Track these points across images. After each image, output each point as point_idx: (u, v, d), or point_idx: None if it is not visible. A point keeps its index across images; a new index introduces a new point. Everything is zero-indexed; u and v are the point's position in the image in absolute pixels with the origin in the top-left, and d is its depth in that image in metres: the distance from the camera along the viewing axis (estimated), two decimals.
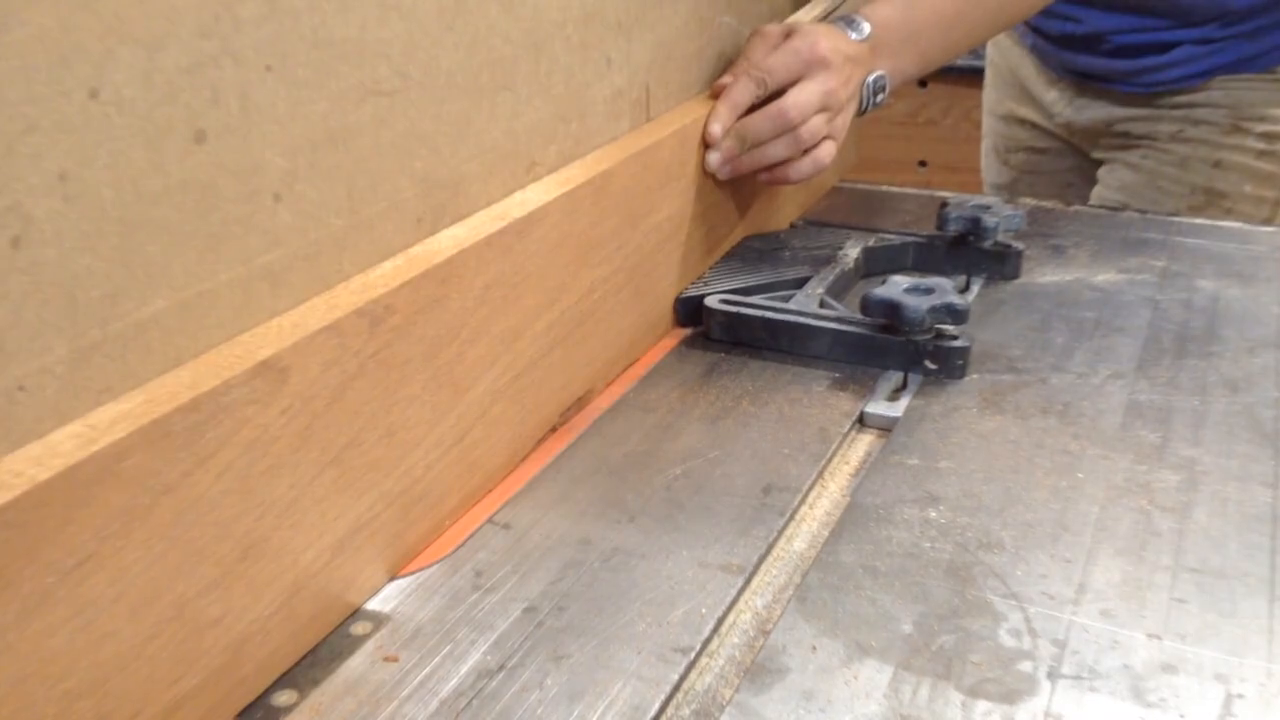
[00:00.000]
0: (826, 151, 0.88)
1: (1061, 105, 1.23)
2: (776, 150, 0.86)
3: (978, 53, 1.28)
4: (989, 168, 1.36)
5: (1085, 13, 1.14)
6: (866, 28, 0.90)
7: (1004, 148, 1.32)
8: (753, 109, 0.86)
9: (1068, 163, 1.26)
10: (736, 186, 0.91)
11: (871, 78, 0.91)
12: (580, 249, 0.71)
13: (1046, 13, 1.17)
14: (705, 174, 0.86)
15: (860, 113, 0.92)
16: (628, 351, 0.80)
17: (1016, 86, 1.28)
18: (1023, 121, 1.29)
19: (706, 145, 0.85)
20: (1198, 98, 1.12)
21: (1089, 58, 1.17)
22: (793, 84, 0.85)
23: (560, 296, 0.70)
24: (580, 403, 0.74)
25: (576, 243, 0.70)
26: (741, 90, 0.85)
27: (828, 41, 0.86)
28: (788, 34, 0.87)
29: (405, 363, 0.57)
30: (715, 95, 0.87)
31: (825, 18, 0.95)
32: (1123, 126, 1.18)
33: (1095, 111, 1.20)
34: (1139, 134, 1.17)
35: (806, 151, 0.87)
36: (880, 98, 0.92)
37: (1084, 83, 1.20)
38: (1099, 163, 1.23)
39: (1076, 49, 1.18)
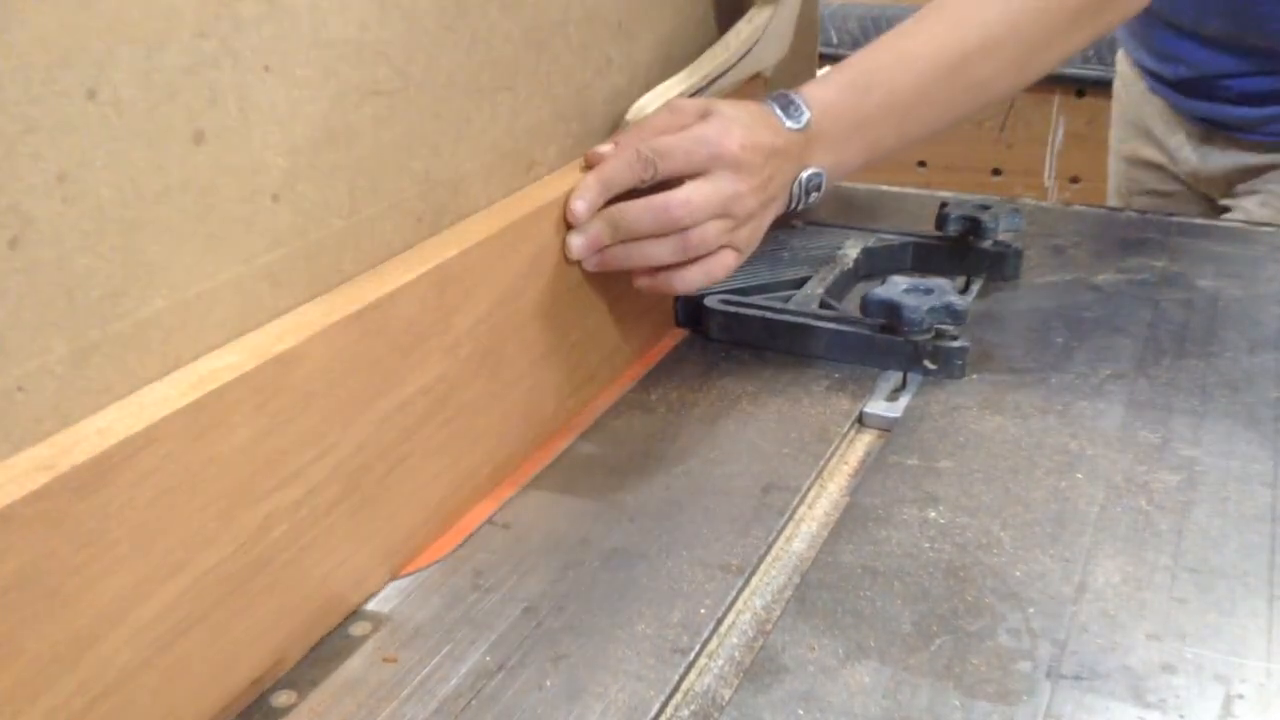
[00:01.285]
0: (722, 264, 0.72)
1: (1186, 151, 1.15)
2: (658, 251, 0.70)
3: None
4: None
5: (1191, 50, 1.07)
6: (806, 115, 0.74)
7: (1127, 190, 1.25)
8: (636, 194, 0.70)
9: (1194, 210, 1.19)
10: (583, 310, 0.71)
11: (805, 174, 0.76)
12: (242, 475, 0.48)
13: (1158, 55, 1.11)
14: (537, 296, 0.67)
15: (789, 211, 0.77)
16: (352, 590, 0.56)
17: (1140, 127, 1.20)
18: (1147, 164, 1.20)
19: (568, 225, 0.69)
20: None
21: (1211, 104, 1.10)
22: (692, 177, 0.69)
23: (199, 552, 0.46)
24: (257, 685, 0.51)
25: (232, 468, 0.47)
26: (621, 166, 0.69)
27: (745, 135, 0.70)
28: (703, 114, 0.72)
29: None
30: (590, 166, 0.71)
31: (700, 93, 0.82)
32: (1251, 174, 1.11)
33: (1222, 160, 1.12)
34: (1271, 180, 1.09)
35: (697, 259, 0.71)
36: (814, 197, 0.77)
37: (1210, 130, 1.12)
38: (1225, 209, 1.16)
39: (1198, 95, 1.10)
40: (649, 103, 0.78)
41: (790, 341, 0.80)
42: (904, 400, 0.75)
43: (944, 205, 0.92)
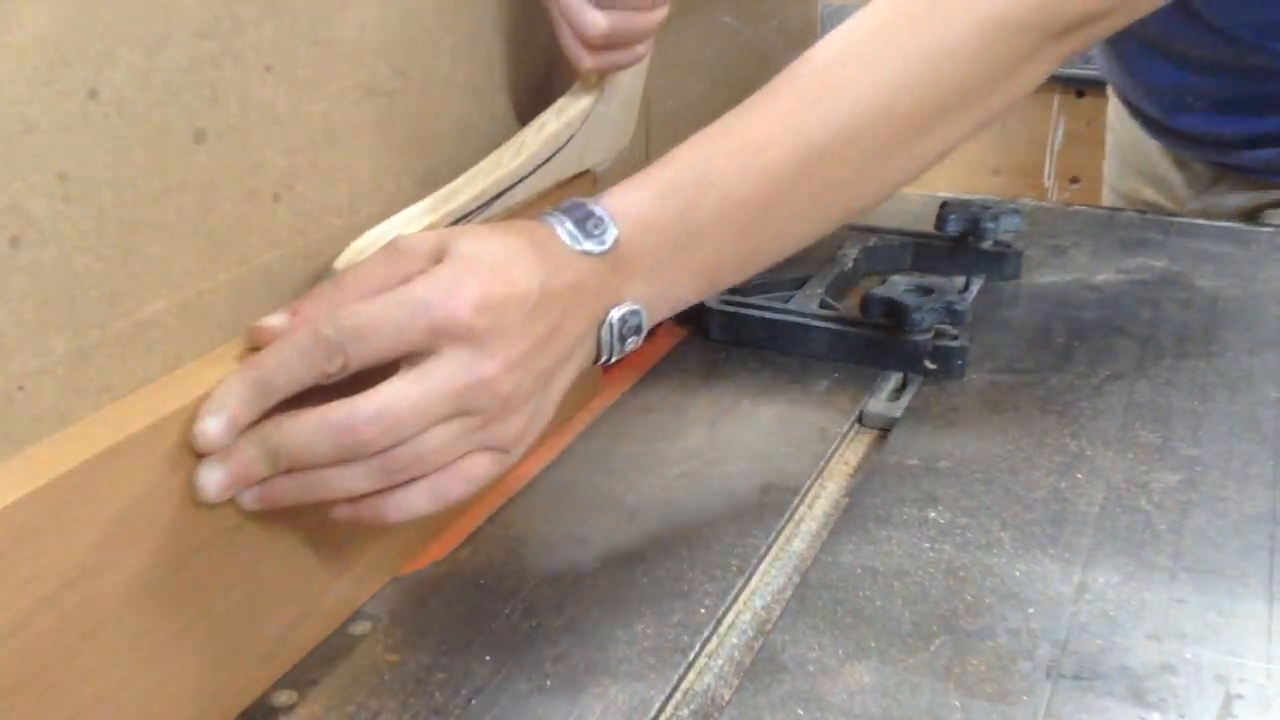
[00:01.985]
0: (465, 476, 0.49)
1: (1191, 194, 1.08)
2: (347, 482, 0.46)
3: None
4: None
5: (1179, 77, 1.01)
6: (612, 233, 0.53)
7: None
8: (319, 391, 0.46)
9: None
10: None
11: (617, 315, 0.53)
12: None
13: (1141, 88, 1.06)
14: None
15: (603, 363, 0.55)
16: None
17: (1138, 165, 1.14)
18: (1146, 204, 1.13)
19: (199, 453, 0.45)
20: None
21: (1220, 152, 1.04)
22: (411, 360, 0.46)
23: None
24: None
25: None
26: (291, 355, 0.45)
27: (486, 290, 0.47)
28: (436, 257, 0.48)
29: None
30: (256, 347, 0.48)
31: (472, 215, 0.60)
32: (1268, 207, 1.04)
33: (1236, 200, 1.05)
34: None
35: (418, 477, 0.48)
36: (632, 343, 0.55)
37: (1220, 171, 1.06)
38: None
39: (1206, 147, 1.04)
40: (377, 239, 0.55)
41: (790, 341, 0.80)
42: (904, 400, 0.75)
43: (944, 205, 0.92)
